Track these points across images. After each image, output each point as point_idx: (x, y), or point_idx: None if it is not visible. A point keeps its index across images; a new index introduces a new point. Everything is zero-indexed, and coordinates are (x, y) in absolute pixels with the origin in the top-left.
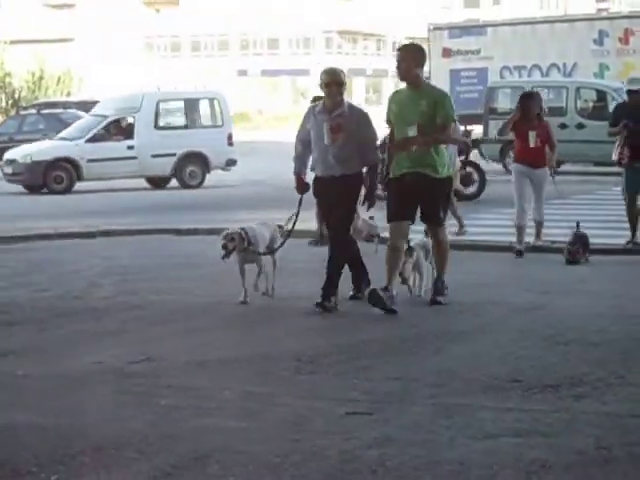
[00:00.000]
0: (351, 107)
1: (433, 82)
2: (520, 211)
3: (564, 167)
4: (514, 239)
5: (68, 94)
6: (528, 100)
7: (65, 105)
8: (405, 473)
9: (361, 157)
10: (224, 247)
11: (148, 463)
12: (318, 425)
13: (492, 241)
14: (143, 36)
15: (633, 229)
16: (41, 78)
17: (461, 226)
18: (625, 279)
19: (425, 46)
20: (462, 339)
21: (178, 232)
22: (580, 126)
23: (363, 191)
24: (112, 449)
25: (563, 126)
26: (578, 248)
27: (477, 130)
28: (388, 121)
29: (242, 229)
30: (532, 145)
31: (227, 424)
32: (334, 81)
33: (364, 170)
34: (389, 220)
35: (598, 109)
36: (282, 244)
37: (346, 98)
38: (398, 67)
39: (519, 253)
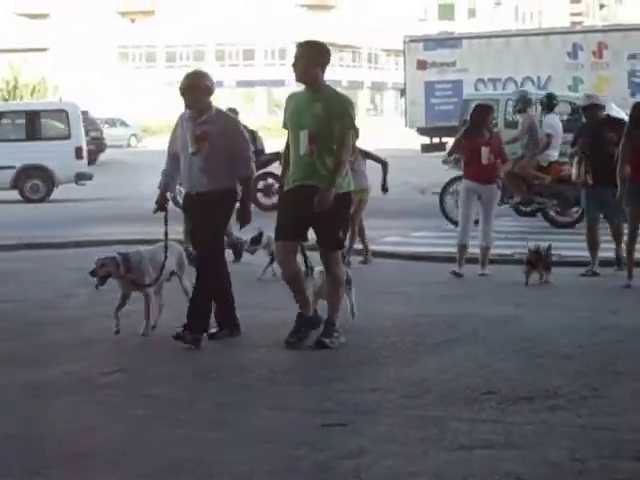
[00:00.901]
0: (219, 113)
1: (408, 94)
2: (463, 230)
3: None
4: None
5: None
6: (482, 112)
7: None
8: None
9: (232, 170)
10: (92, 274)
11: (121, 473)
12: (292, 436)
13: (468, 253)
14: (118, 46)
15: (593, 257)
16: (15, 87)
17: (366, 250)
18: (598, 291)
19: (400, 58)
20: (436, 351)
21: (146, 243)
22: None
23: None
24: (85, 459)
25: None
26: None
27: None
28: (284, 125)
29: (121, 254)
30: (484, 162)
31: (200, 434)
32: (188, 86)
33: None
34: (275, 239)
35: (572, 122)
36: (161, 272)
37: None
38: (294, 65)
39: (457, 275)
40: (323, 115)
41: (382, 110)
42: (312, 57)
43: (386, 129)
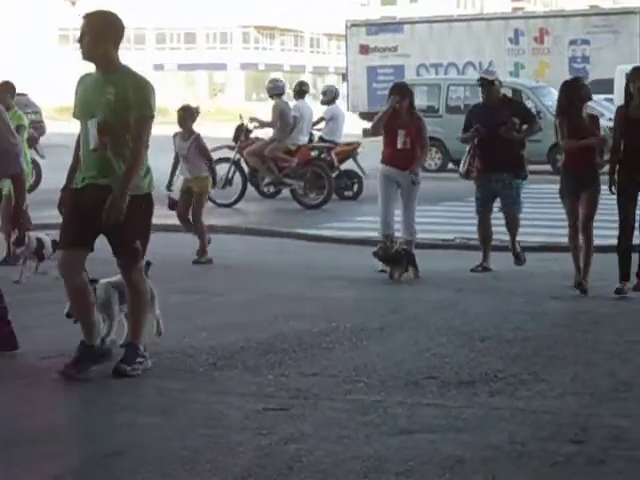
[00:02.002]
0: None
1: (350, 78)
2: (384, 221)
3: None
4: (434, 236)
5: None
6: (400, 92)
7: None
8: (321, 469)
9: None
10: None
11: (61, 459)
12: (234, 421)
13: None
14: (58, 28)
15: (485, 251)
16: None
17: (203, 251)
18: (538, 276)
19: (342, 43)
20: (378, 335)
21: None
22: None
23: None
24: (25, 445)
25: None
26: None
27: None
28: (74, 113)
29: None
30: (399, 146)
31: (141, 420)
32: None
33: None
34: (58, 247)
35: None
36: None
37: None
38: (80, 41)
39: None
40: (116, 101)
41: None
42: (100, 31)
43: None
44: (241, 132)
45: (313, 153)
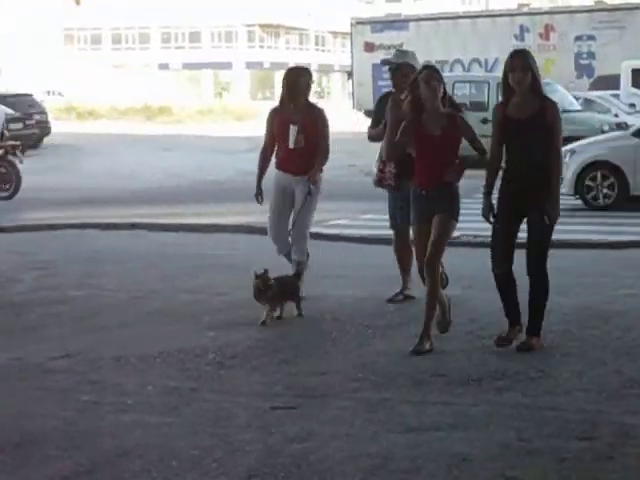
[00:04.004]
0: None
1: (356, 76)
2: (277, 240)
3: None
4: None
5: None
6: (290, 77)
7: None
8: (328, 467)
9: None
10: None
11: (69, 460)
12: (241, 420)
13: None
14: (63, 28)
15: (405, 275)
16: None
17: None
18: None
19: (347, 40)
20: (385, 333)
21: (99, 227)
22: None
23: None
24: (33, 446)
25: (485, 121)
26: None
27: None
28: None
29: None
30: (291, 145)
31: (149, 420)
32: None
33: None
34: None
35: None
36: None
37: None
38: None
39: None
40: None
41: (329, 92)
42: None
43: (333, 112)
44: None
45: (1, 151)
